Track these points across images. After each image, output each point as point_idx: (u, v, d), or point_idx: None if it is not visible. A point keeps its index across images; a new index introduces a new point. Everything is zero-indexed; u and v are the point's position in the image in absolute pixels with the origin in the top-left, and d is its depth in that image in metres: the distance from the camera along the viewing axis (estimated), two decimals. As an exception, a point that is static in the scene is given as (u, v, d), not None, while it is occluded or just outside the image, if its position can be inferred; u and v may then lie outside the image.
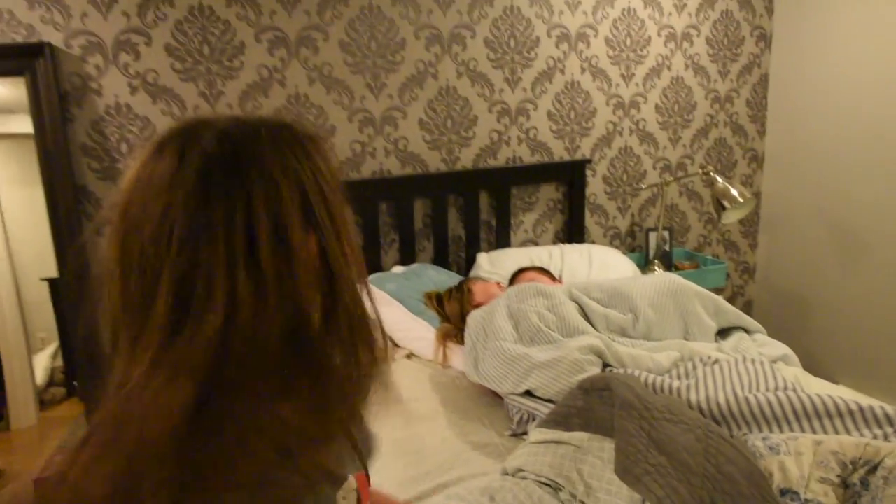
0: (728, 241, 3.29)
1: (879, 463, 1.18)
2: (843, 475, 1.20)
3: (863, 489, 1.17)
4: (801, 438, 1.27)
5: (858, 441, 1.23)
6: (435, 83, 2.51)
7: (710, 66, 3.01)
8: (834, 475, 1.20)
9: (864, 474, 1.18)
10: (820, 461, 1.22)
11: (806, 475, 1.21)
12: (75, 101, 2.09)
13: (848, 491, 1.19)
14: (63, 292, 2.11)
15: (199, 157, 0.61)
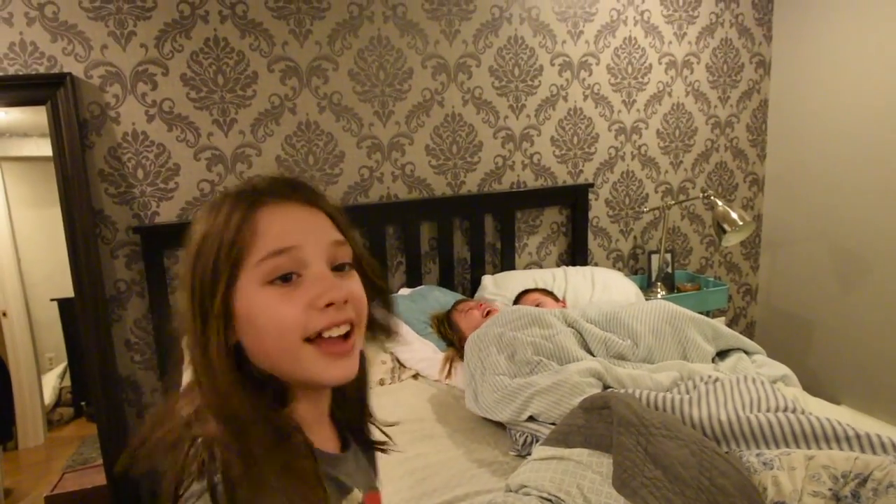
0: (730, 263, 3.34)
1: (869, 476, 1.22)
2: (834, 488, 1.24)
3: (854, 501, 1.21)
4: (793, 454, 1.31)
5: (848, 455, 1.27)
6: (441, 110, 2.59)
7: (710, 92, 3.07)
8: (826, 489, 1.23)
9: (855, 487, 1.22)
10: (812, 475, 1.26)
11: (799, 489, 1.24)
12: (94, 128, 2.17)
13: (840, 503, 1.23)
14: (78, 313, 2.16)
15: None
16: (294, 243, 0.72)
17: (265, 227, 0.71)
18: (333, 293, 0.71)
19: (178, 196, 2.29)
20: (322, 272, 0.73)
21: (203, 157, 2.30)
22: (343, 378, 0.74)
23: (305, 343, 0.71)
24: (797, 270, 3.23)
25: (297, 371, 0.73)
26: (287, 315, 0.70)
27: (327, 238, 0.75)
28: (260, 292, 0.70)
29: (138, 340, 2.32)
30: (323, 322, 0.71)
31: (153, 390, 2.36)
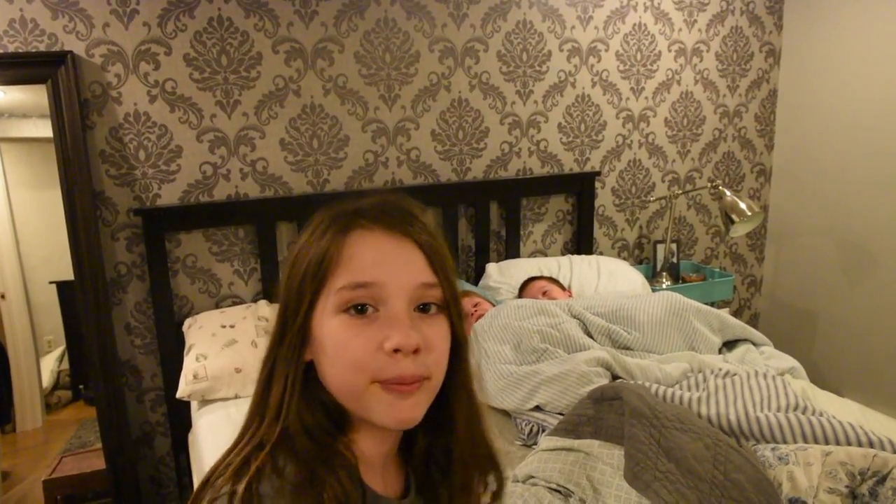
0: (735, 254, 3.31)
1: (888, 474, 1.20)
2: (851, 486, 1.22)
3: (871, 500, 1.19)
4: (810, 449, 1.29)
5: (867, 452, 1.25)
6: (448, 95, 2.55)
7: (719, 80, 3.04)
8: (842, 486, 1.21)
9: (873, 485, 1.20)
10: (829, 472, 1.24)
11: (815, 485, 1.22)
12: (95, 108, 2.13)
13: (856, 501, 1.21)
14: (78, 296, 2.13)
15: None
16: (375, 279, 0.68)
17: (350, 254, 0.68)
18: (402, 339, 0.66)
19: (180, 178, 2.25)
20: (398, 313, 0.68)
21: (206, 139, 2.26)
22: (402, 423, 0.69)
23: (374, 383, 0.67)
24: (803, 263, 3.20)
25: (360, 407, 0.69)
26: (355, 350, 0.67)
27: (414, 279, 0.69)
28: (334, 319, 0.68)
29: (138, 324, 2.30)
30: (390, 371, 0.66)
31: (153, 375, 2.34)
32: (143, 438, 2.38)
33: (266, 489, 0.62)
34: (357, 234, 0.70)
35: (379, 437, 0.74)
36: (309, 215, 0.76)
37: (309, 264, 0.69)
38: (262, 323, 2.16)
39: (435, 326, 0.71)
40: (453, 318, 0.73)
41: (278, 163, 2.36)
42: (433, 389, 0.71)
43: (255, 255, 2.38)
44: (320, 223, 0.72)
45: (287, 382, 0.69)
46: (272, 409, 0.69)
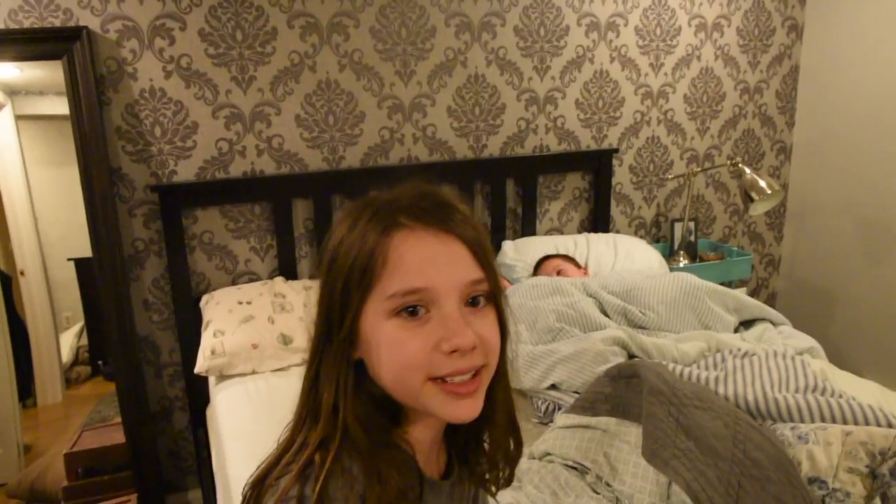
0: (753, 233, 3.28)
1: None
2: (871, 465, 1.21)
3: (892, 479, 1.18)
4: (830, 428, 1.27)
5: (888, 432, 1.24)
6: (464, 71, 2.52)
7: (739, 56, 2.98)
8: (863, 465, 1.20)
9: (894, 465, 1.19)
10: (849, 451, 1.23)
11: (834, 465, 1.22)
12: (111, 84, 2.13)
13: (876, 481, 1.20)
14: (97, 273, 2.15)
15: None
16: (425, 284, 0.67)
17: (396, 259, 0.67)
18: (459, 340, 0.67)
19: (196, 155, 2.25)
20: (451, 313, 0.68)
21: (221, 116, 2.26)
22: (466, 417, 0.70)
23: (428, 381, 0.68)
24: (823, 241, 3.16)
25: (418, 404, 0.70)
26: (412, 354, 0.67)
27: (463, 277, 0.69)
28: (386, 323, 0.68)
29: (156, 300, 2.31)
30: (447, 369, 0.67)
31: (171, 350, 2.36)
32: (162, 413, 2.41)
33: (335, 490, 0.63)
34: (401, 235, 0.68)
35: (430, 424, 0.76)
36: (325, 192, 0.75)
37: (353, 267, 0.68)
38: (279, 300, 2.17)
39: (486, 319, 0.71)
40: (500, 306, 0.74)
41: (294, 139, 2.35)
42: (489, 377, 0.72)
43: (271, 231, 2.38)
44: (358, 218, 0.71)
45: (339, 382, 0.69)
46: (326, 408, 0.69)
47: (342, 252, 0.70)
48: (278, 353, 2.04)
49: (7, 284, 2.57)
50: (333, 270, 0.70)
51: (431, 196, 0.73)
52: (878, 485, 1.19)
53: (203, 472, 2.31)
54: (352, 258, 0.68)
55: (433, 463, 0.79)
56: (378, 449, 0.68)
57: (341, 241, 0.70)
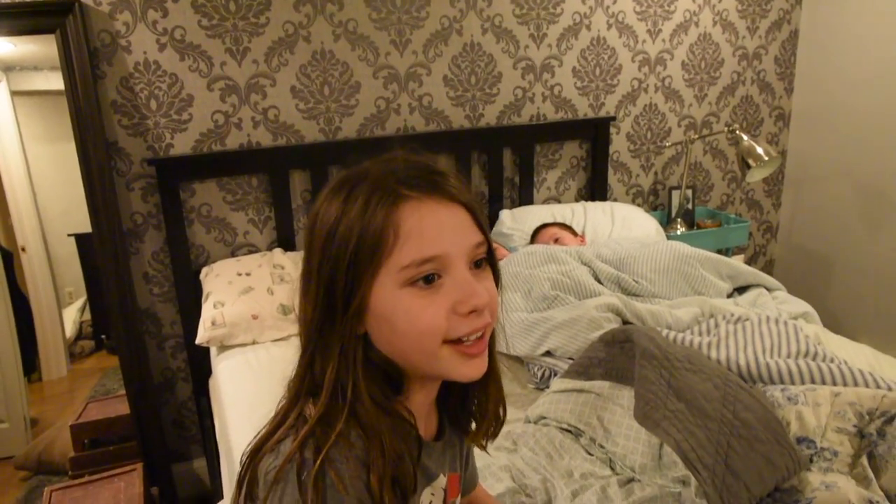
0: (751, 201, 3.28)
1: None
2: (859, 425, 1.23)
3: (879, 439, 1.20)
4: (819, 389, 1.30)
5: (875, 393, 1.26)
6: (460, 39, 2.51)
7: (738, 22, 2.95)
8: (850, 425, 1.23)
9: (881, 425, 1.21)
10: (837, 412, 1.25)
11: (823, 425, 1.24)
12: (105, 57, 2.12)
13: (864, 441, 1.23)
14: (96, 247, 2.16)
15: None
16: (439, 252, 0.69)
17: (408, 230, 0.69)
18: (476, 300, 0.70)
19: (192, 128, 2.25)
20: (464, 276, 0.71)
21: (216, 88, 2.25)
22: (478, 375, 0.74)
23: (444, 344, 0.71)
24: (820, 208, 3.17)
25: (432, 369, 0.73)
26: (430, 320, 0.70)
27: (469, 241, 0.72)
28: (400, 294, 0.70)
29: (156, 273, 2.33)
30: (465, 329, 0.71)
31: (172, 322, 2.38)
32: (165, 384, 2.44)
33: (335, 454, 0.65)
34: (409, 207, 0.70)
35: (427, 389, 0.79)
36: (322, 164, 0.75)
37: (362, 243, 0.69)
38: (278, 271, 2.19)
39: (489, 279, 0.75)
40: (495, 266, 0.78)
41: (290, 111, 2.35)
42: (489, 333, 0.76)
43: (269, 203, 2.39)
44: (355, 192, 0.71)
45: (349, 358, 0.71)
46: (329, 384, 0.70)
47: (342, 230, 0.70)
48: (278, 324, 2.07)
49: (8, 261, 2.59)
50: (333, 249, 0.70)
51: (425, 166, 0.74)
52: (866, 444, 1.22)
53: (207, 440, 2.35)
54: (357, 235, 0.69)
55: (427, 425, 0.82)
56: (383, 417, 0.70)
57: (338, 218, 0.70)
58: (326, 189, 0.74)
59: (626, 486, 1.24)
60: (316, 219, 0.73)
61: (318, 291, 0.71)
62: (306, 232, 0.75)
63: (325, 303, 0.71)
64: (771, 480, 1.13)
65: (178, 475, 2.47)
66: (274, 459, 0.67)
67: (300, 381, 0.73)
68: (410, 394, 0.76)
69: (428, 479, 0.79)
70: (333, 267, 0.70)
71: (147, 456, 2.30)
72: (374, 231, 0.68)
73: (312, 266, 0.72)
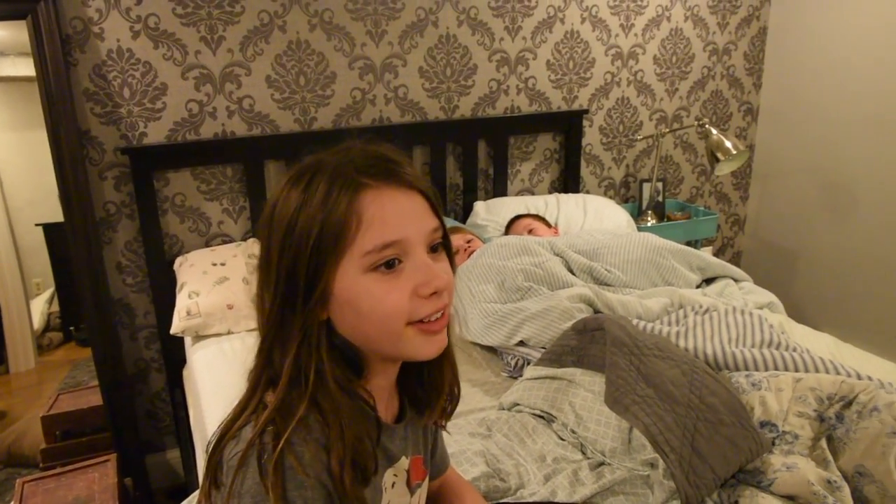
0: (720, 193, 3.35)
1: (854, 399, 1.26)
2: (819, 410, 1.28)
3: (837, 422, 1.26)
4: (781, 376, 1.35)
5: (835, 378, 1.31)
6: (435, 31, 2.52)
7: (709, 17, 3.01)
8: (811, 409, 1.28)
9: (840, 409, 1.27)
10: (798, 396, 1.30)
11: (785, 409, 1.29)
12: (77, 45, 2.10)
13: (823, 424, 1.28)
14: (69, 237, 2.14)
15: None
16: (400, 236, 0.72)
17: (370, 217, 0.71)
18: (437, 282, 0.73)
19: (166, 116, 2.24)
20: (424, 260, 0.74)
21: (191, 76, 2.24)
22: (437, 352, 0.78)
23: (407, 325, 0.74)
24: (787, 202, 3.24)
25: (396, 350, 0.76)
26: (393, 303, 0.72)
27: (427, 225, 0.75)
28: (363, 279, 0.72)
29: (129, 263, 2.32)
30: (427, 310, 0.74)
31: (146, 312, 2.37)
32: (139, 374, 2.43)
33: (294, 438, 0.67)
34: (369, 195, 0.72)
35: (388, 372, 0.82)
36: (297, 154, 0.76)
37: (324, 231, 0.70)
38: (253, 261, 2.19)
39: (444, 263, 0.78)
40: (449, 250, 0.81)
41: (265, 100, 2.35)
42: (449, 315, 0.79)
43: (243, 193, 2.38)
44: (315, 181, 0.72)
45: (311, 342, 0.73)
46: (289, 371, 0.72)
47: (303, 219, 0.71)
48: (254, 313, 2.06)
49: (-26, 250, 2.55)
50: (295, 238, 0.71)
51: (382, 155, 0.77)
52: (825, 427, 1.27)
53: (181, 431, 2.35)
54: (320, 223, 0.70)
55: (388, 407, 0.85)
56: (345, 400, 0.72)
57: (298, 208, 0.72)
58: (283, 180, 0.76)
59: (597, 470, 1.28)
60: (274, 209, 0.74)
61: (277, 280, 0.72)
62: (263, 223, 0.76)
63: (286, 291, 0.72)
64: (735, 462, 1.18)
65: (152, 466, 2.47)
66: (235, 445, 0.69)
67: (260, 370, 0.75)
68: (371, 377, 0.79)
69: (389, 461, 0.81)
70: (295, 255, 0.71)
71: (120, 447, 2.29)
72: (336, 219, 0.70)
73: (272, 256, 0.73)
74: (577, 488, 1.22)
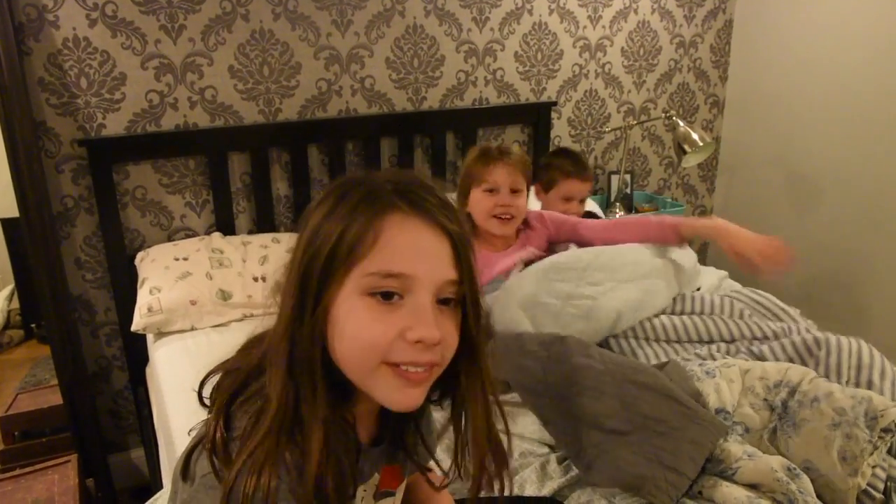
0: (687, 185, 3.38)
1: (797, 387, 1.29)
2: (767, 398, 1.31)
3: (783, 411, 1.28)
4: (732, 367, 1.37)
5: (780, 366, 1.35)
6: (402, 21, 2.49)
7: (676, 10, 3.02)
8: (759, 399, 1.31)
9: (785, 396, 1.29)
10: (748, 387, 1.33)
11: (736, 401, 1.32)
12: (31, 33, 2.03)
13: (772, 413, 1.30)
14: (24, 232, 2.07)
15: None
16: (408, 271, 0.68)
17: (386, 240, 0.68)
18: (426, 333, 0.68)
19: (125, 107, 2.18)
20: (424, 305, 0.69)
21: (151, 67, 2.18)
22: (406, 407, 0.72)
23: (383, 364, 0.69)
24: (752, 194, 3.28)
25: (365, 385, 0.72)
26: (376, 335, 0.68)
27: (443, 273, 0.71)
28: (358, 300, 0.68)
29: (89, 258, 2.26)
30: (405, 357, 0.69)
31: (107, 309, 2.32)
32: (100, 373, 2.37)
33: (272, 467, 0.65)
34: (395, 218, 0.69)
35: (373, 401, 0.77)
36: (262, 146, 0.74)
37: (341, 241, 0.68)
38: (217, 255, 2.15)
39: (452, 321, 0.73)
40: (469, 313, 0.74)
41: (228, 91, 2.30)
42: (437, 374, 0.74)
43: (206, 186, 2.34)
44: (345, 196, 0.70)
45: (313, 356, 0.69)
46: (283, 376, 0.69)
47: (327, 227, 0.69)
48: (217, 309, 2.03)
49: (-71, 247, 2.47)
50: (315, 245, 0.69)
51: (427, 186, 0.73)
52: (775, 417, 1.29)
53: (144, 430, 2.30)
54: (338, 233, 0.68)
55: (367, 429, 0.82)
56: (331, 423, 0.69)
57: (327, 214, 0.70)
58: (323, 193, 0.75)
59: (565, 463, 1.27)
60: (309, 216, 0.73)
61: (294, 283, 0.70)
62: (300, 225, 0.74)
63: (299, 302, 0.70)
64: (701, 458, 1.19)
65: (115, 466, 2.42)
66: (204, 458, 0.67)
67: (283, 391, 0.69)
68: (357, 401, 0.76)
69: (362, 479, 0.79)
70: (310, 262, 0.69)
71: (82, 447, 2.24)
72: (354, 232, 0.68)
73: (294, 260, 0.71)
74: (546, 482, 1.21)
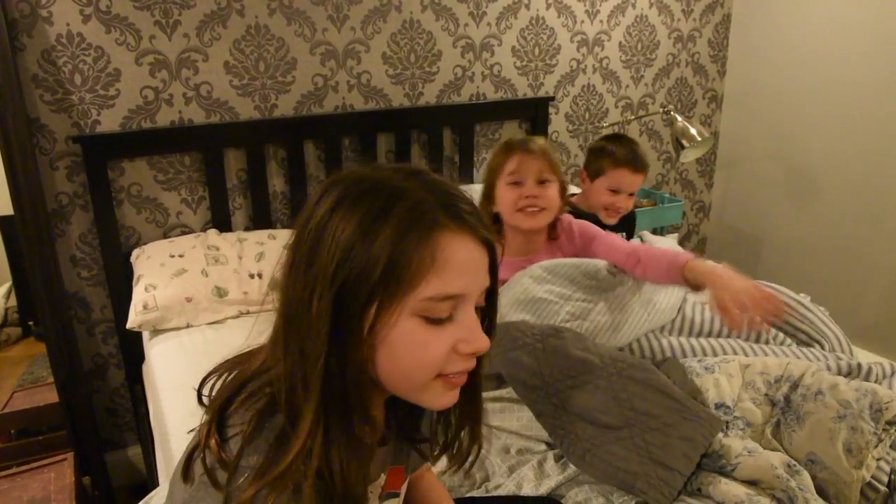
0: (685, 180, 3.37)
1: (800, 381, 1.28)
2: (769, 393, 1.30)
3: (786, 405, 1.27)
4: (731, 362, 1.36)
5: (780, 361, 1.34)
6: (398, 16, 2.47)
7: (674, 4, 3.01)
8: (761, 394, 1.30)
9: (787, 391, 1.28)
10: (748, 382, 1.32)
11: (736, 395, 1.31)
12: (24, 29, 2.01)
13: (774, 408, 1.29)
14: (19, 230, 2.06)
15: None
16: (462, 291, 0.68)
17: (442, 264, 0.66)
18: (481, 345, 0.70)
19: (119, 103, 2.17)
20: (473, 318, 0.70)
21: (145, 62, 2.17)
22: (449, 405, 0.75)
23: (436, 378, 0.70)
24: (751, 188, 3.27)
25: (413, 396, 0.72)
26: (433, 354, 0.68)
27: (483, 284, 0.72)
28: (408, 321, 0.67)
29: (84, 256, 2.24)
30: (459, 367, 0.71)
31: (103, 307, 2.31)
32: (96, 371, 2.36)
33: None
34: (446, 237, 0.67)
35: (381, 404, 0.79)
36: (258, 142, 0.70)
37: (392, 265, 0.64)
38: (213, 252, 2.13)
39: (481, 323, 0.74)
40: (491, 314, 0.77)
41: (223, 87, 2.28)
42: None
43: (202, 183, 2.32)
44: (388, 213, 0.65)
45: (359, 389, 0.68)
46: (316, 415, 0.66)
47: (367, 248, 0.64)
48: (213, 306, 2.02)
49: (-75, 244, 2.45)
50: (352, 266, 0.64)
51: (461, 194, 0.72)
52: (776, 411, 1.29)
53: (141, 427, 2.29)
54: (387, 255, 0.64)
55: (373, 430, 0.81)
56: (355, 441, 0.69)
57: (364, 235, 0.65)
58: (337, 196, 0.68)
59: (562, 461, 1.27)
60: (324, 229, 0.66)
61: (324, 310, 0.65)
62: (308, 243, 0.67)
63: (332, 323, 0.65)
64: (696, 455, 1.18)
65: (112, 464, 2.41)
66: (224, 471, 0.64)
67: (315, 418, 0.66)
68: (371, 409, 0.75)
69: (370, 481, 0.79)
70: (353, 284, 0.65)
71: (78, 445, 2.23)
72: (408, 255, 0.65)
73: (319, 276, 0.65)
74: (543, 480, 1.21)
